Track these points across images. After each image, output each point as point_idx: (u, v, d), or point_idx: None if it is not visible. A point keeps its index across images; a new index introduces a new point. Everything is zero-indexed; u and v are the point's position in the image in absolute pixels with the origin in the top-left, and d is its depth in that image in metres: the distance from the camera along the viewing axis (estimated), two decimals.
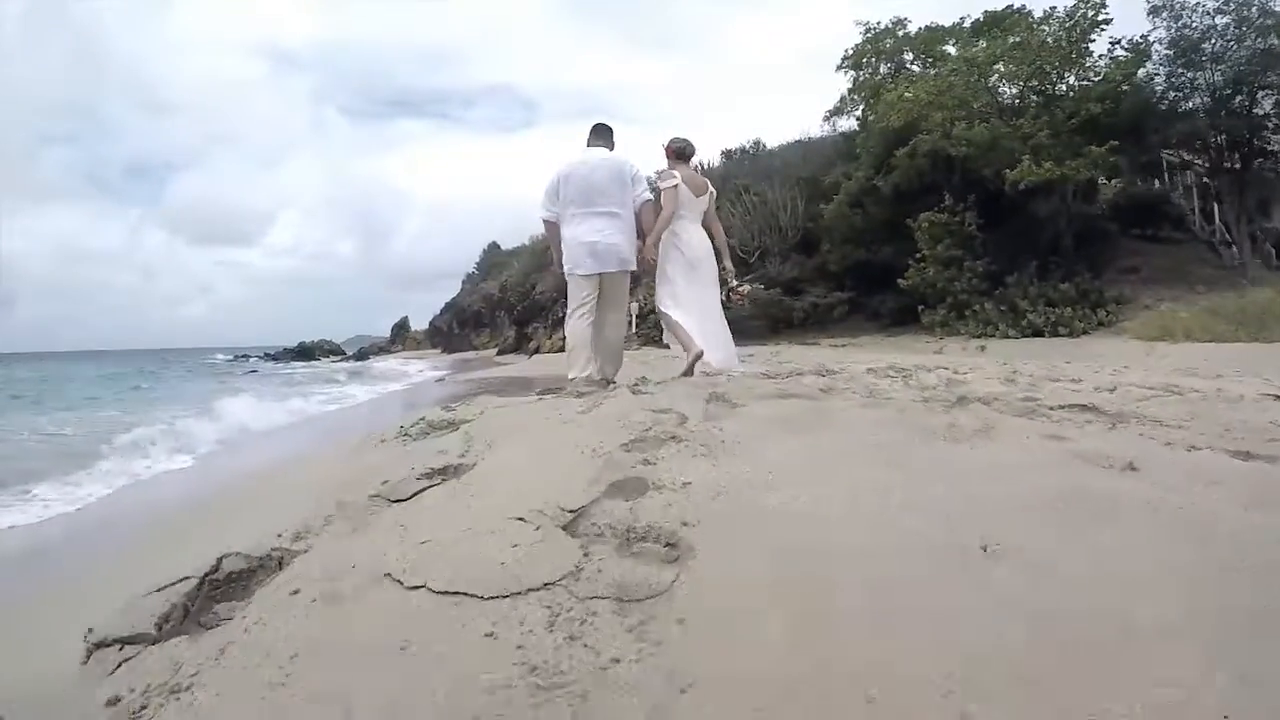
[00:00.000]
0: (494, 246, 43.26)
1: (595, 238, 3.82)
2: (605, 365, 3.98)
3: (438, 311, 48.44)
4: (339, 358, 47.05)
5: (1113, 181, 13.49)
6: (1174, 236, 17.21)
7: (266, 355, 53.12)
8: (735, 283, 4.53)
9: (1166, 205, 17.18)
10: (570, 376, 3.79)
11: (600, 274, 3.87)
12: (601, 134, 4.10)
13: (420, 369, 24.85)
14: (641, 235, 4.02)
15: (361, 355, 46.56)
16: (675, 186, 4.05)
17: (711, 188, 4.34)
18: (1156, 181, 18.06)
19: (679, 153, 4.30)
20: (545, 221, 4.02)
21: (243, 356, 57.11)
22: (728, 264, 4.39)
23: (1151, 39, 13.17)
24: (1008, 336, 11.51)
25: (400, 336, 54.67)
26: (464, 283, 46.03)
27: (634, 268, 4.01)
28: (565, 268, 3.92)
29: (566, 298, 4.08)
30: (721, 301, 4.38)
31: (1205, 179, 15.09)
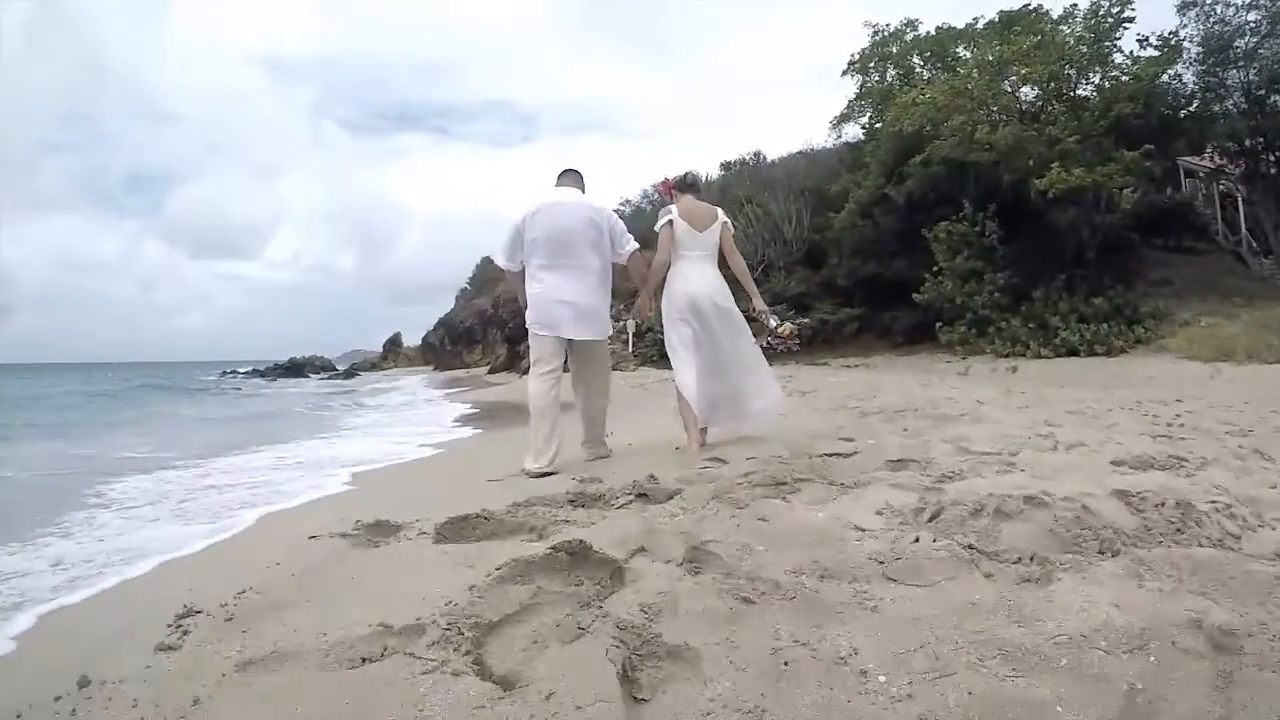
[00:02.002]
0: (487, 261, 42.37)
1: (565, 297, 3.33)
2: (589, 429, 3.54)
3: (431, 327, 47.53)
4: (328, 374, 45.96)
5: (1125, 192, 12.64)
6: (1197, 246, 16.40)
7: (255, 371, 51.96)
8: (774, 323, 3.74)
9: (1191, 214, 16.41)
10: (526, 468, 3.20)
11: (570, 340, 3.40)
12: (571, 178, 3.60)
13: (406, 390, 23.81)
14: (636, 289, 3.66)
15: (349, 374, 45.46)
16: (668, 224, 3.49)
17: (723, 215, 3.66)
18: (1170, 189, 17.32)
19: (680, 184, 3.72)
20: (507, 272, 3.56)
21: (231, 372, 55.96)
22: (758, 303, 3.71)
23: (1181, 35, 12.36)
24: (1040, 356, 10.55)
25: (392, 353, 53.70)
26: (457, 298, 45.15)
27: (609, 334, 3.55)
28: (528, 319, 3.41)
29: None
30: (764, 348, 3.72)
31: (1239, 185, 14.27)
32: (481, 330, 33.15)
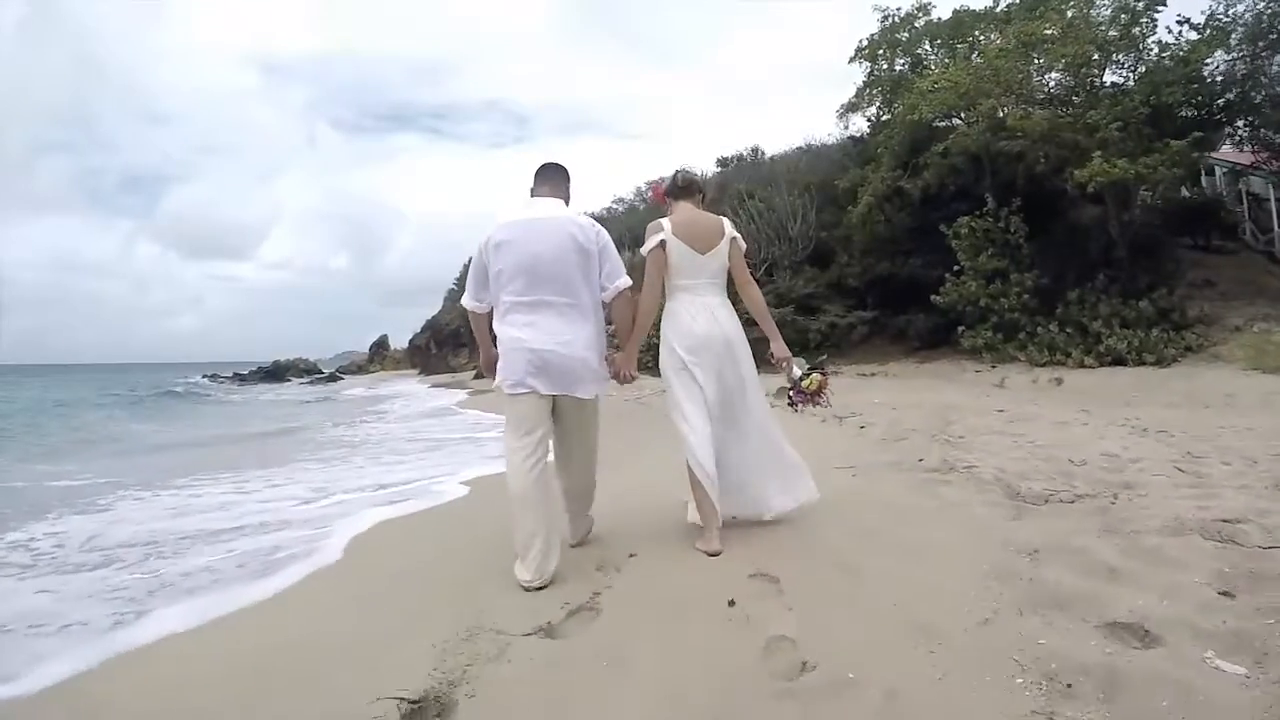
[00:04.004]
0: None
1: (543, 344, 2.52)
2: (573, 516, 2.78)
3: (418, 329, 46.33)
4: (311, 378, 44.53)
5: (1140, 190, 11.67)
6: (1226, 246, 15.52)
7: (237, 375, 50.39)
8: (797, 372, 2.80)
9: (1224, 212, 15.51)
10: (518, 577, 2.44)
11: (553, 396, 2.58)
12: (551, 178, 2.74)
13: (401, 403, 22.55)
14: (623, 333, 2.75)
15: (332, 378, 44.01)
16: (659, 246, 2.70)
17: (732, 230, 2.81)
18: (1184, 188, 16.44)
19: (672, 189, 2.86)
20: (470, 312, 2.73)
21: (211, 376, 54.38)
22: (778, 348, 2.84)
23: (1225, 17, 11.36)
24: (1083, 365, 9.48)
25: (378, 355, 52.45)
26: (445, 299, 43.96)
27: (603, 389, 2.69)
28: (497, 379, 2.61)
29: None
30: (789, 404, 2.88)
31: (1277, 180, 13.33)
32: (468, 333, 32.02)
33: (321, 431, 11.36)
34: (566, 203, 2.71)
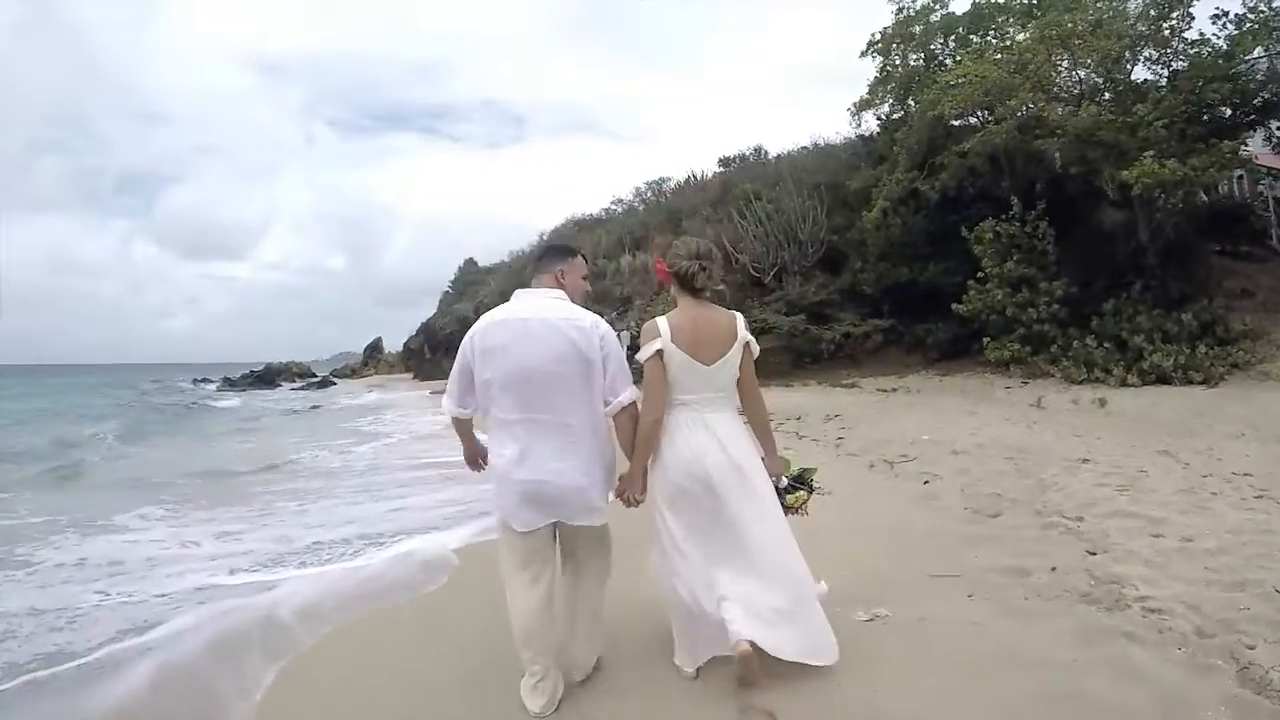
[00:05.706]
0: (470, 263, 40.52)
1: (534, 475, 2.14)
2: (585, 635, 2.33)
3: (413, 331, 45.50)
4: (304, 383, 43.60)
5: (1162, 194, 11.07)
6: (1254, 252, 14.89)
7: (226, 379, 49.46)
8: (783, 484, 2.44)
9: (1254, 217, 14.86)
10: (528, 705, 2.18)
11: (552, 525, 2.23)
12: (552, 265, 2.31)
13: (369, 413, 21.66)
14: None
15: (325, 383, 43.02)
16: (656, 356, 2.22)
17: (746, 332, 2.32)
18: (1202, 193, 15.82)
19: (682, 277, 2.31)
20: (453, 420, 2.39)
21: (202, 379, 53.48)
22: (773, 463, 2.44)
23: (1267, 10, 10.68)
24: (1125, 384, 8.74)
25: (372, 359, 51.62)
26: (440, 301, 43.17)
27: (605, 513, 2.26)
28: (495, 512, 2.27)
29: None
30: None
31: None
32: (463, 337, 31.18)
33: (304, 455, 10.22)
34: (575, 291, 2.30)
